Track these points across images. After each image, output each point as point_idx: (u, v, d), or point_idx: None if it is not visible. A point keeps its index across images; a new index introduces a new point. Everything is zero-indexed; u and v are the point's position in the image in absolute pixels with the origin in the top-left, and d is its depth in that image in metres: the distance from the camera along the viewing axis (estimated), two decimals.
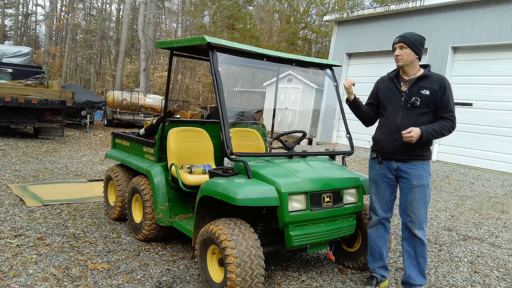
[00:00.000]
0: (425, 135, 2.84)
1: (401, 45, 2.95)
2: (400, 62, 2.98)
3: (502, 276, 3.74)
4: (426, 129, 2.86)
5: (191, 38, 3.12)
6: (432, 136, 2.88)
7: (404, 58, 2.96)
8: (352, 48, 13.21)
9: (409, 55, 2.95)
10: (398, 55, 2.97)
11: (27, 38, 36.00)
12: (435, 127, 2.89)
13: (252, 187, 2.73)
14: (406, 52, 2.95)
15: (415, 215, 2.96)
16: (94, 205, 4.92)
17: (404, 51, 2.95)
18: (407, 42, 2.93)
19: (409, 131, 2.82)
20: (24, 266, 3.14)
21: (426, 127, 2.88)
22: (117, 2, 33.89)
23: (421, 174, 2.96)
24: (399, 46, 2.96)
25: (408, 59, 2.96)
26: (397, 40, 2.97)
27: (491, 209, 6.26)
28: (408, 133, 2.82)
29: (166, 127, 3.81)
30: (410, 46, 2.93)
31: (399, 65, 3.00)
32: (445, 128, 2.90)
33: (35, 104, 9.45)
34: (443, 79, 2.96)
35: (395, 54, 2.99)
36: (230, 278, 2.58)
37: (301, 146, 12.94)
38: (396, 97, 3.04)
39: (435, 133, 2.88)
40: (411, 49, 2.94)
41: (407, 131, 2.83)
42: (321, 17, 26.01)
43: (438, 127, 2.89)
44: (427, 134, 2.85)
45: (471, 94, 10.12)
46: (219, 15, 26.03)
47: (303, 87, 15.97)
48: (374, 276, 3.21)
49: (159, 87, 29.35)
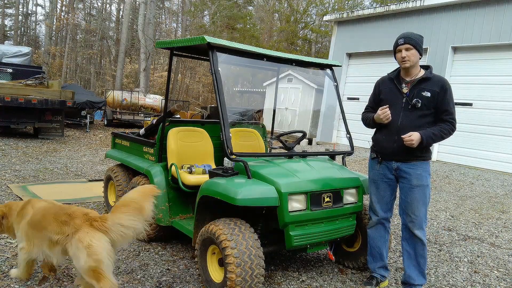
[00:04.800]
0: (425, 140, 2.85)
1: (407, 47, 2.92)
2: (408, 63, 2.94)
3: (502, 276, 3.74)
4: (426, 133, 2.86)
5: (191, 38, 3.12)
6: (432, 140, 2.88)
7: (412, 59, 2.93)
8: (352, 48, 13.21)
9: (415, 55, 2.94)
10: (405, 56, 2.92)
11: (27, 38, 35.99)
12: (435, 130, 2.89)
13: (252, 187, 2.73)
14: (413, 53, 2.93)
15: (415, 215, 2.96)
16: (94, 205, 4.92)
17: (411, 52, 2.92)
18: (413, 43, 2.91)
19: (409, 135, 2.83)
20: None
21: (426, 131, 2.88)
22: (117, 2, 33.90)
23: (421, 174, 2.96)
24: (404, 47, 2.92)
25: (415, 59, 2.95)
26: (402, 41, 2.93)
27: (491, 209, 6.26)
28: (408, 137, 2.82)
29: (166, 127, 3.81)
30: (416, 47, 2.92)
31: (407, 66, 2.95)
32: (445, 131, 2.90)
33: (35, 104, 9.45)
34: (445, 82, 2.95)
35: (401, 55, 2.94)
36: (230, 278, 2.58)
37: (301, 146, 12.94)
38: (397, 98, 3.03)
39: (435, 137, 2.88)
40: (416, 49, 2.93)
41: (408, 135, 2.83)
42: (321, 17, 26.01)
43: (437, 130, 2.89)
44: (427, 138, 2.85)
45: (471, 94, 10.11)
46: (219, 15, 26.02)
47: (303, 87, 15.96)
48: (374, 276, 3.21)
49: (159, 87, 29.35)
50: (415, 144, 2.83)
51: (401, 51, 2.95)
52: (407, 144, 2.85)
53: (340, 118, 12.97)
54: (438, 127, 2.91)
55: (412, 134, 2.84)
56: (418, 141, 2.84)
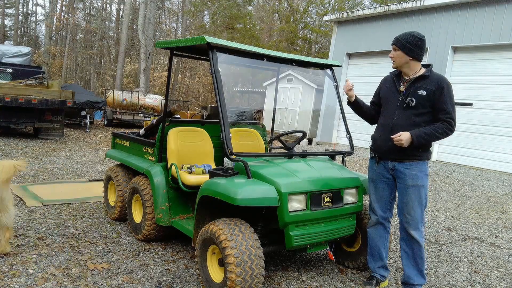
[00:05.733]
0: (416, 139, 2.82)
1: (394, 47, 3.00)
2: (394, 63, 3.05)
3: (502, 276, 3.74)
4: (416, 133, 2.83)
5: (191, 38, 3.12)
6: (423, 139, 2.84)
7: (397, 60, 3.00)
8: (352, 48, 13.21)
9: (401, 57, 2.96)
10: (392, 56, 3.02)
11: (27, 38, 36.00)
12: (427, 130, 2.84)
13: (252, 187, 2.73)
14: (398, 55, 2.97)
15: (410, 215, 2.95)
16: (94, 205, 4.92)
17: (397, 53, 2.98)
18: (399, 45, 2.95)
19: (398, 135, 2.83)
20: (24, 266, 3.14)
21: (418, 130, 2.84)
22: (117, 2, 33.90)
23: (416, 174, 2.93)
24: (393, 48, 3.01)
25: (400, 61, 2.98)
26: (392, 42, 3.01)
27: (491, 209, 6.26)
28: (397, 137, 2.82)
29: (166, 127, 3.81)
30: (401, 49, 2.94)
31: (393, 66, 3.07)
32: (439, 131, 2.84)
33: (35, 104, 9.45)
34: (442, 80, 2.91)
35: (389, 55, 3.05)
36: (230, 278, 2.58)
37: (301, 146, 12.94)
38: (394, 97, 3.05)
39: (428, 137, 2.84)
40: (402, 51, 2.94)
41: (397, 135, 2.83)
42: (321, 17, 26.02)
43: (431, 130, 2.84)
44: (418, 138, 2.82)
45: (471, 94, 10.11)
46: (219, 15, 26.02)
47: (303, 87, 15.97)
48: (374, 276, 3.21)
49: (159, 87, 29.35)
50: (405, 144, 2.82)
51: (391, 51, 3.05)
52: (396, 144, 2.85)
53: (340, 118, 12.97)
54: (432, 127, 2.87)
55: (402, 134, 2.82)
56: (408, 140, 2.81)
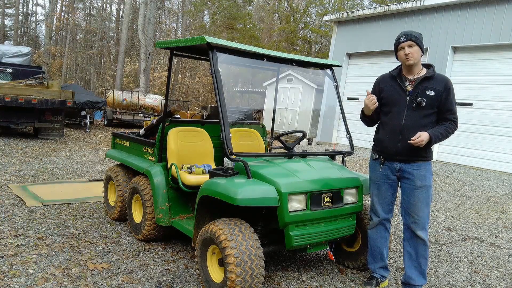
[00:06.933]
0: (434, 139, 2.84)
1: (410, 43, 2.90)
2: (411, 60, 2.91)
3: (502, 276, 3.74)
4: (434, 132, 2.85)
5: (191, 38, 3.11)
6: (439, 139, 2.88)
7: (415, 55, 2.91)
8: (352, 48, 13.21)
9: (418, 52, 2.92)
10: (409, 53, 2.90)
11: (27, 38, 36.00)
12: (441, 130, 2.89)
13: (252, 187, 2.72)
14: (416, 50, 2.91)
15: (418, 216, 2.94)
16: (94, 205, 4.92)
17: (414, 49, 2.90)
18: (415, 40, 2.90)
19: (418, 136, 2.80)
20: (24, 266, 3.14)
21: (434, 130, 2.87)
22: (117, 2, 33.90)
23: (424, 175, 2.94)
24: (407, 44, 2.90)
25: (418, 56, 2.93)
26: (405, 39, 2.91)
27: (491, 209, 6.26)
28: (418, 138, 2.80)
29: (166, 127, 3.81)
30: (418, 44, 2.91)
31: (410, 63, 2.92)
32: (450, 130, 2.91)
33: (35, 104, 9.45)
34: (448, 81, 2.94)
35: (404, 52, 2.91)
36: (230, 278, 2.58)
37: (301, 146, 12.94)
38: (400, 97, 2.99)
39: (442, 136, 2.89)
40: (418, 46, 2.92)
41: (416, 136, 2.81)
42: (321, 17, 26.01)
43: (444, 129, 2.89)
44: (435, 137, 2.85)
45: (471, 94, 10.11)
46: (219, 15, 26.03)
47: (303, 87, 15.97)
48: (374, 276, 3.21)
49: (159, 87, 29.35)
50: (424, 144, 2.83)
51: (404, 49, 2.92)
52: (416, 145, 2.82)
53: (340, 118, 12.96)
54: (444, 127, 2.90)
55: (421, 134, 2.81)
56: (427, 141, 2.83)
